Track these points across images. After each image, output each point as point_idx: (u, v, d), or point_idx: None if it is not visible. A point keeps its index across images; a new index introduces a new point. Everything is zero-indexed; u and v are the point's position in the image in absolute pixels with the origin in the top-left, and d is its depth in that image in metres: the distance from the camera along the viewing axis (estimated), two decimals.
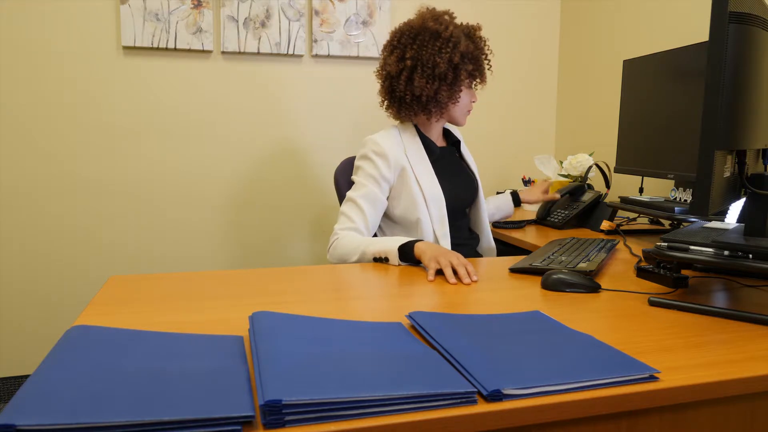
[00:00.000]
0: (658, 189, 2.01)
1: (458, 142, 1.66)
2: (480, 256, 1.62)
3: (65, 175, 2.15)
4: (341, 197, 1.77)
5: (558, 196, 1.87)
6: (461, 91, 1.53)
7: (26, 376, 2.19)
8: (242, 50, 2.23)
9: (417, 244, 1.26)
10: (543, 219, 1.93)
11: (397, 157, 1.48)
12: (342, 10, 2.31)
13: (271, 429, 0.54)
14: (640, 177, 1.98)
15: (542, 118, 2.72)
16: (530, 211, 2.21)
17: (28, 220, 2.14)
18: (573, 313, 0.92)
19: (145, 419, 0.51)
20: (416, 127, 1.57)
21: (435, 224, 1.49)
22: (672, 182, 1.74)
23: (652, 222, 1.93)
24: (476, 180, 1.64)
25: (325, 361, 0.64)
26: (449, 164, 1.60)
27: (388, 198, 1.51)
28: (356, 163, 1.51)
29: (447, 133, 1.67)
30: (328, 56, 2.34)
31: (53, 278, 2.18)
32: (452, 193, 1.53)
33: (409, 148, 1.52)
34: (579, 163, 2.12)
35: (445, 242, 1.48)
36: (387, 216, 1.55)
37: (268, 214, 2.37)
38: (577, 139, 2.58)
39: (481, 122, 2.59)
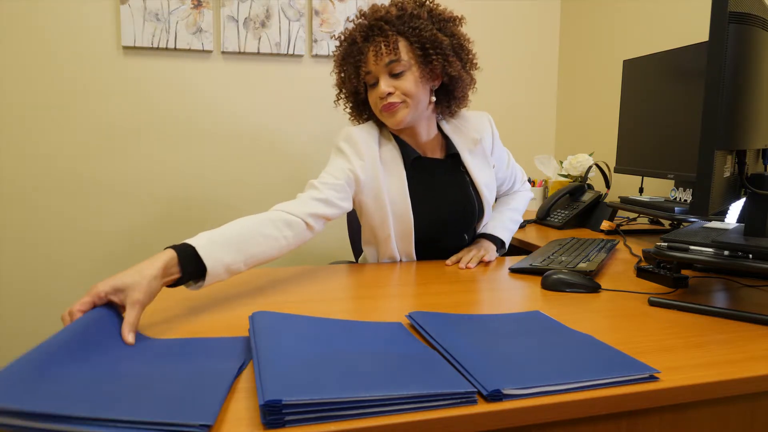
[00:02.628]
0: (658, 189, 2.01)
1: (455, 155, 1.37)
2: None
3: (65, 175, 2.15)
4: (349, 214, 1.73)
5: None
6: (357, 95, 1.33)
7: None
8: (242, 50, 2.23)
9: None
10: (543, 219, 1.93)
11: (373, 155, 1.28)
12: (342, 10, 2.31)
13: (271, 429, 0.54)
14: (640, 177, 1.98)
15: (542, 118, 2.72)
16: (530, 210, 2.21)
17: (28, 219, 2.14)
18: (573, 313, 0.92)
19: (100, 416, 0.52)
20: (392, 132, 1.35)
21: (398, 242, 1.31)
22: (672, 182, 1.74)
23: (652, 222, 1.93)
24: (474, 203, 1.37)
25: (325, 361, 0.64)
26: (433, 179, 1.35)
27: (354, 197, 1.28)
28: (331, 155, 1.32)
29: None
30: (328, 56, 2.34)
31: (53, 278, 2.18)
32: (420, 209, 1.30)
33: (384, 151, 1.31)
34: (579, 163, 2.13)
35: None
36: (361, 226, 1.37)
37: None
38: (577, 139, 2.58)
39: None
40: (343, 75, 1.31)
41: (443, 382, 0.61)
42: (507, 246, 1.43)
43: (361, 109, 1.37)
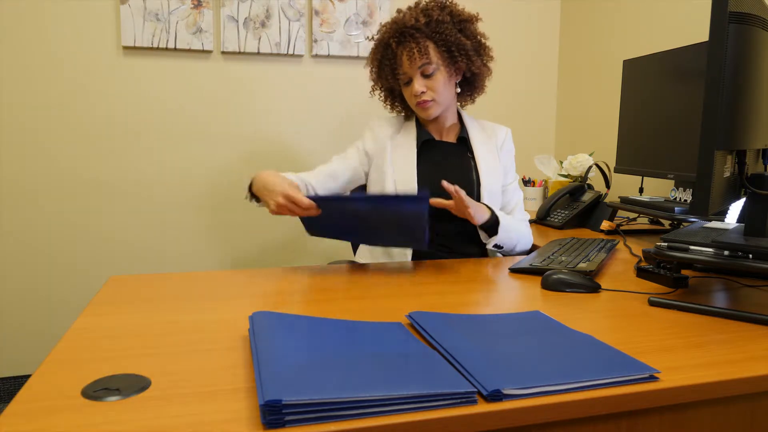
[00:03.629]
0: (658, 189, 2.01)
1: (466, 139, 1.52)
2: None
3: (65, 175, 2.15)
4: None
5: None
6: (392, 92, 1.54)
7: (26, 376, 2.19)
8: (242, 50, 2.23)
9: (257, 175, 1.30)
10: (543, 219, 1.93)
11: (385, 136, 1.51)
12: (342, 10, 2.31)
13: (271, 429, 0.54)
14: (640, 177, 1.98)
15: (542, 118, 2.72)
16: (530, 210, 2.21)
17: (28, 219, 2.14)
18: (573, 313, 0.92)
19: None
20: (417, 118, 1.56)
21: None
22: (672, 182, 1.74)
23: (652, 222, 1.93)
24: (474, 185, 1.48)
25: (325, 361, 0.64)
26: (441, 158, 1.50)
27: (367, 174, 1.53)
28: None
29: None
30: (328, 56, 2.34)
31: (53, 278, 2.18)
32: (426, 183, 1.44)
33: (402, 133, 1.52)
34: (579, 163, 2.12)
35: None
36: None
37: (268, 214, 2.37)
38: (577, 139, 2.58)
39: None
40: (379, 73, 1.50)
41: (443, 382, 0.61)
42: (499, 233, 1.35)
43: (395, 101, 1.58)
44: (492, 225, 1.37)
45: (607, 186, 2.06)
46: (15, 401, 0.59)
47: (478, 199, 1.48)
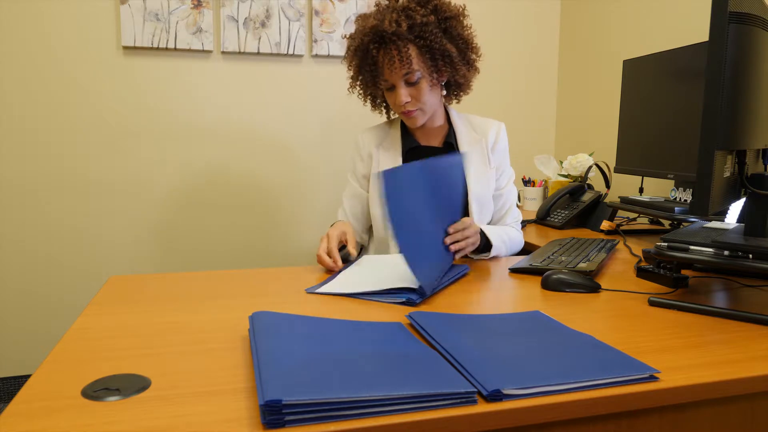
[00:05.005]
0: (658, 189, 2.01)
1: (452, 144, 1.46)
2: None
3: (65, 175, 2.15)
4: None
5: None
6: (374, 98, 1.49)
7: (26, 376, 2.19)
8: (242, 50, 2.23)
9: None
10: (543, 219, 1.93)
11: (370, 151, 1.47)
12: (342, 10, 2.31)
13: (271, 429, 0.54)
14: (640, 177, 1.98)
15: (542, 118, 2.72)
16: (530, 210, 2.21)
17: (27, 219, 2.14)
18: (573, 313, 0.92)
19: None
20: (402, 122, 1.49)
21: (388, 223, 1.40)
22: (672, 182, 1.74)
23: (652, 222, 1.93)
24: (462, 192, 1.34)
25: (325, 361, 0.64)
26: None
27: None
28: None
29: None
30: (328, 56, 2.34)
31: (53, 278, 2.18)
32: None
33: (386, 143, 1.48)
34: (579, 163, 2.13)
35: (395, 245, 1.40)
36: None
37: (268, 214, 2.37)
38: (577, 139, 2.58)
39: None
40: (360, 79, 1.42)
41: (443, 382, 0.61)
42: (492, 252, 1.32)
43: (378, 104, 1.52)
44: (483, 244, 1.30)
45: (607, 186, 2.06)
46: (15, 401, 0.59)
47: (465, 208, 1.39)
